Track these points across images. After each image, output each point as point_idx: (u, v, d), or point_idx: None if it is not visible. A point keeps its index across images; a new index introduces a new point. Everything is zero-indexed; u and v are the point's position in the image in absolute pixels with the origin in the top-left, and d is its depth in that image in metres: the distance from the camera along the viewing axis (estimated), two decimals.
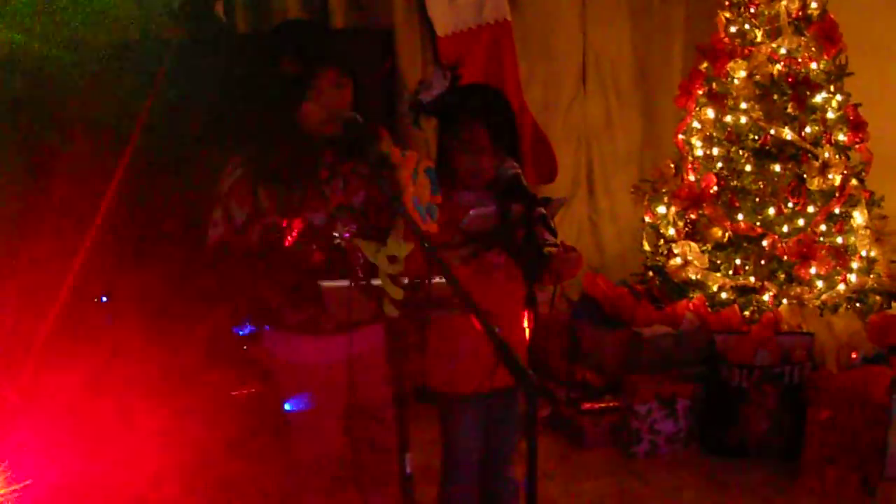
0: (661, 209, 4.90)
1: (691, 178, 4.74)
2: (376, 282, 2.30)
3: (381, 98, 4.68)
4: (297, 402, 2.91)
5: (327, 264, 2.61)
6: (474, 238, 2.71)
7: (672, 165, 4.92)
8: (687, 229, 4.75)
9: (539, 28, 5.33)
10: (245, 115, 2.91)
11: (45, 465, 2.95)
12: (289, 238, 2.66)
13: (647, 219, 5.02)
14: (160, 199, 4.00)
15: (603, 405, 4.41)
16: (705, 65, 4.73)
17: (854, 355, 4.09)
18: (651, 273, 4.97)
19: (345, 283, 2.29)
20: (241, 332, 4.07)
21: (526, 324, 2.75)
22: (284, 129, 2.69)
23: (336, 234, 2.65)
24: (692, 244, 4.62)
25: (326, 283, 2.30)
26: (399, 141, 3.01)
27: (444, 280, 2.37)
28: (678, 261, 4.66)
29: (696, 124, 4.79)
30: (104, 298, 4.22)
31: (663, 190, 4.90)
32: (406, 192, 2.24)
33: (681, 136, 4.91)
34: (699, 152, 4.76)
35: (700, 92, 4.75)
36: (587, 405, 4.41)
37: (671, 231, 4.83)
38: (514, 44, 5.17)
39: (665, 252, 4.84)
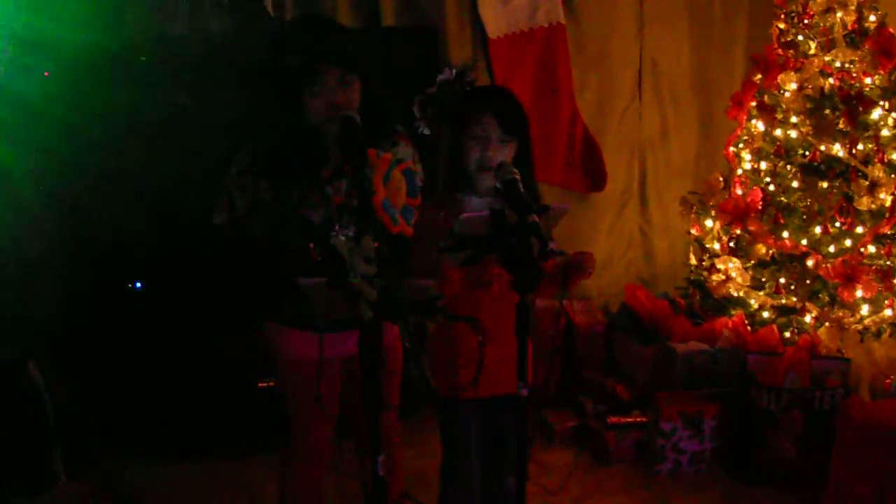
0: (708, 223, 4.77)
1: (739, 192, 4.60)
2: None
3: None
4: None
5: (324, 263, 2.59)
6: (467, 243, 2.66)
7: (721, 178, 4.79)
8: (731, 245, 4.61)
9: (594, 33, 5.22)
10: (254, 106, 2.93)
11: None
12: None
13: (693, 232, 4.89)
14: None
15: (630, 420, 4.30)
16: (759, 76, 4.58)
17: (888, 381, 3.91)
18: (693, 288, 4.84)
19: (322, 280, 2.27)
20: None
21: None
22: (292, 123, 2.69)
23: (334, 234, 2.64)
24: (735, 260, 4.49)
25: (304, 280, 2.28)
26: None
27: (420, 282, 2.35)
28: (720, 276, 4.52)
29: (746, 137, 4.65)
30: (138, 285, 4.29)
31: (710, 203, 4.77)
32: (376, 194, 2.20)
33: (731, 149, 4.77)
34: (747, 166, 4.62)
35: (752, 104, 4.61)
36: (613, 419, 4.32)
37: (716, 245, 4.69)
38: (568, 48, 5.08)
39: (708, 267, 4.70)
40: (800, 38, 4.42)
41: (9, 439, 3.53)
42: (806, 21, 4.40)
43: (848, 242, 4.25)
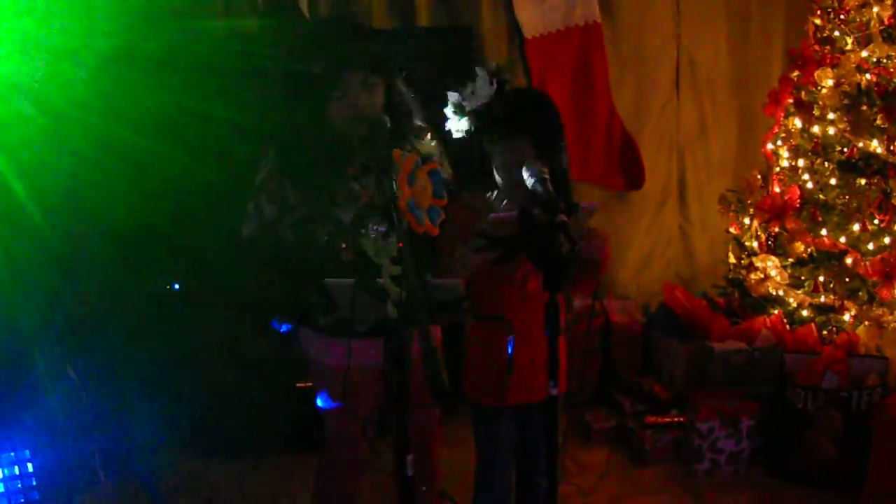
0: (747, 220, 4.74)
1: (777, 189, 4.56)
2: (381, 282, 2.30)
3: None
4: (327, 401, 2.93)
5: (356, 263, 2.61)
6: (497, 243, 2.66)
7: (759, 176, 4.75)
8: (769, 243, 4.57)
9: (630, 30, 5.21)
10: (280, 109, 2.94)
11: None
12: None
13: (732, 230, 4.86)
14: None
15: (668, 420, 4.28)
16: (796, 73, 4.55)
17: None
18: (731, 286, 4.81)
19: (349, 281, 2.29)
20: (280, 329, 4.11)
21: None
22: (316, 125, 2.70)
23: (365, 231, 2.65)
24: (773, 258, 4.46)
25: (330, 281, 2.30)
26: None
27: (446, 282, 2.36)
28: (759, 275, 4.50)
29: (783, 134, 4.61)
30: (176, 286, 4.34)
31: (749, 201, 4.74)
32: (401, 194, 2.21)
33: (769, 146, 4.73)
34: (785, 163, 4.58)
35: (789, 101, 4.57)
36: (651, 419, 4.30)
37: (754, 244, 4.66)
38: (605, 46, 5.08)
39: (747, 265, 4.67)
40: (836, 33, 4.37)
41: (49, 438, 3.60)
42: (842, 16, 4.35)
43: (887, 240, 4.19)
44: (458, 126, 2.92)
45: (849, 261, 4.20)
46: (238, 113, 3.78)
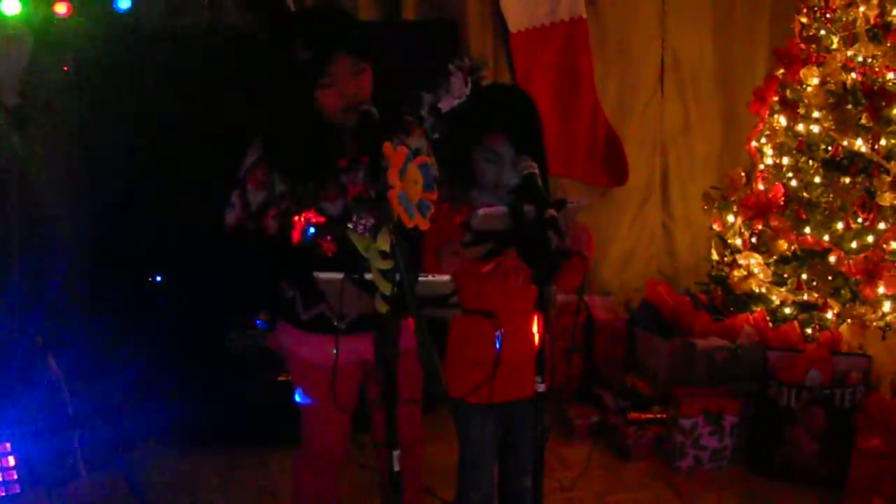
0: (730, 218, 4.75)
1: (761, 187, 4.58)
2: (369, 276, 2.28)
3: None
4: (304, 397, 2.91)
5: (339, 256, 2.59)
6: (485, 238, 2.65)
7: (743, 173, 4.77)
8: (753, 240, 4.59)
9: (616, 27, 5.21)
10: (263, 100, 2.90)
11: None
12: (299, 226, 2.65)
13: (715, 227, 4.87)
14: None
15: (650, 416, 4.29)
16: (781, 71, 4.56)
17: None
18: (714, 283, 4.82)
19: (338, 275, 2.26)
20: (257, 323, 4.11)
21: (536, 328, 2.66)
22: (302, 115, 2.66)
23: (351, 226, 2.62)
24: (756, 256, 4.47)
25: (320, 274, 2.28)
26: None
27: (433, 277, 2.34)
28: (742, 272, 4.51)
29: (768, 132, 4.63)
30: (158, 278, 4.32)
31: (732, 198, 4.75)
32: (392, 188, 2.19)
33: (753, 144, 4.75)
34: (769, 161, 4.60)
35: (775, 98, 4.58)
36: (634, 415, 4.31)
37: (738, 241, 4.68)
38: (589, 42, 5.07)
39: (730, 262, 4.68)
40: (822, 32, 4.39)
41: (31, 431, 3.57)
42: (828, 15, 4.37)
43: (870, 238, 4.21)
44: (433, 121, 2.90)
45: (832, 259, 4.21)
46: (225, 104, 3.77)
